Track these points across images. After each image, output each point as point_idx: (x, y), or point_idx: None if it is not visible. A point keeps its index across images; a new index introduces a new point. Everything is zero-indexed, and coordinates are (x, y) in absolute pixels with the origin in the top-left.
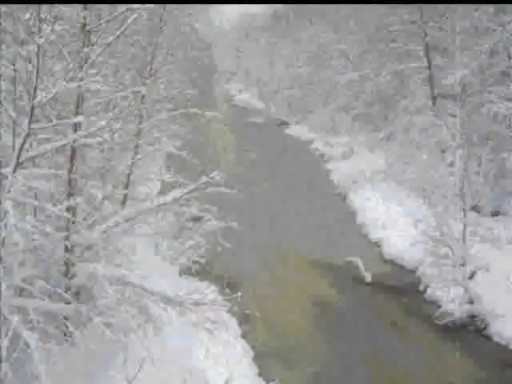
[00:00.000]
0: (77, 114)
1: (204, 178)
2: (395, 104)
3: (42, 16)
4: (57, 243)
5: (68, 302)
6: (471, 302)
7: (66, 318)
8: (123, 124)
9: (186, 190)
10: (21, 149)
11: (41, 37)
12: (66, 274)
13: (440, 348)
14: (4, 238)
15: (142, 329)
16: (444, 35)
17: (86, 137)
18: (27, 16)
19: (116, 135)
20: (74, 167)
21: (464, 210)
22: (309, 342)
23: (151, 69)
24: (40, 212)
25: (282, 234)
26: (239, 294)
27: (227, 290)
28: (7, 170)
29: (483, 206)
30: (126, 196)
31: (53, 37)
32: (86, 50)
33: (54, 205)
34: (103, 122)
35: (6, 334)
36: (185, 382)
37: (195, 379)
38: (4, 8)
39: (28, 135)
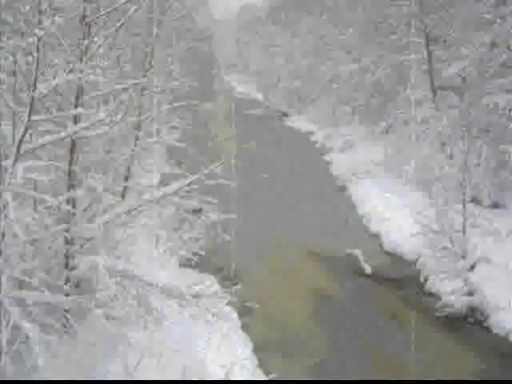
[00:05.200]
0: (77, 105)
1: (204, 170)
2: (395, 96)
3: (42, 8)
4: (57, 235)
5: (68, 294)
6: (471, 293)
7: (66, 310)
8: (123, 116)
9: (186, 182)
10: (21, 141)
11: (41, 29)
12: (66, 266)
13: (440, 340)
14: (4, 230)
15: (142, 321)
16: (444, 27)
17: (86, 129)
18: (27, 8)
19: (116, 127)
20: (74, 159)
21: (464, 201)
22: (308, 334)
23: (151, 61)
24: (40, 204)
25: (282, 226)
26: (239, 285)
27: (227, 282)
28: (7, 162)
29: (483, 198)
30: (126, 188)
31: (53, 29)
32: (85, 42)
33: (54, 197)
34: (103, 114)
35: (6, 326)
36: (185, 374)
37: (195, 371)
38: (4, 0)
39: (28, 127)
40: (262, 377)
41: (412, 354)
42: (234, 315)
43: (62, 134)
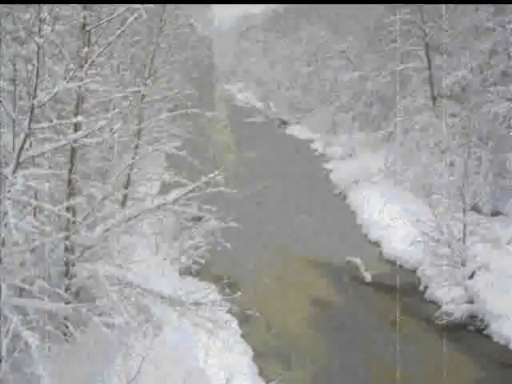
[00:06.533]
0: (77, 113)
1: (204, 178)
2: (395, 104)
3: (42, 16)
4: (57, 243)
5: (68, 302)
6: (471, 301)
7: (65, 318)
8: (123, 124)
9: (185, 190)
10: (21, 149)
11: (41, 37)
12: (65, 274)
13: (440, 348)
14: (4, 238)
15: (141, 329)
16: (444, 35)
17: (85, 137)
18: (27, 16)
19: (116, 135)
20: (74, 167)
21: (464, 209)
22: (308, 342)
23: (151, 69)
24: (40, 212)
25: (282, 234)
26: (239, 293)
27: (227, 290)
28: (7, 170)
29: (483, 206)
30: (126, 196)
31: (53, 37)
32: (85, 49)
33: (54, 205)
34: (103, 122)
35: (7, 334)
36: (185, 382)
37: (195, 379)
38: (4, 8)
39: (28, 135)
40: None
41: (412, 363)
42: (234, 323)
43: (62, 142)
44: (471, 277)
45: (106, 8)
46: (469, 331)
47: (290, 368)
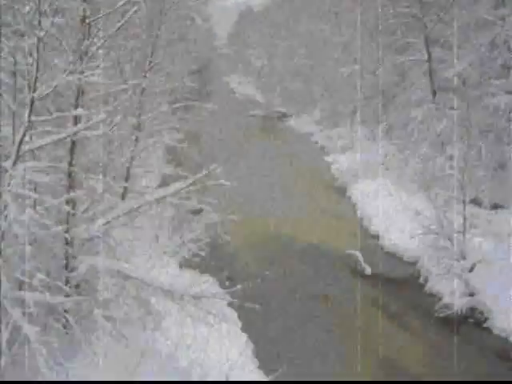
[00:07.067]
0: (77, 106)
1: (204, 171)
2: (395, 97)
3: (42, 9)
4: (57, 236)
5: (68, 295)
6: (471, 294)
7: (66, 311)
8: (123, 117)
9: (186, 183)
10: (21, 142)
11: (41, 30)
12: (66, 267)
13: (440, 341)
14: (4, 231)
15: (141, 322)
16: (444, 28)
17: (85, 129)
18: (27, 9)
19: (116, 128)
20: (74, 160)
21: (464, 202)
22: (309, 335)
23: (151, 61)
24: (40, 205)
25: (283, 227)
26: (239, 286)
27: (227, 283)
28: (7, 163)
29: (483, 199)
30: (126, 189)
31: (53, 30)
32: (85, 42)
33: (54, 198)
34: (103, 115)
35: (7, 327)
36: (185, 375)
37: (195, 372)
38: (4, 1)
39: (28, 128)
40: (262, 377)
41: (412, 355)
42: (234, 316)
43: (62, 135)
44: (471, 270)
45: (105, 1)
46: (469, 324)
47: (290, 361)
